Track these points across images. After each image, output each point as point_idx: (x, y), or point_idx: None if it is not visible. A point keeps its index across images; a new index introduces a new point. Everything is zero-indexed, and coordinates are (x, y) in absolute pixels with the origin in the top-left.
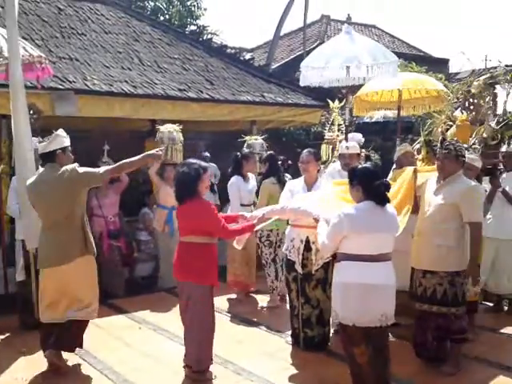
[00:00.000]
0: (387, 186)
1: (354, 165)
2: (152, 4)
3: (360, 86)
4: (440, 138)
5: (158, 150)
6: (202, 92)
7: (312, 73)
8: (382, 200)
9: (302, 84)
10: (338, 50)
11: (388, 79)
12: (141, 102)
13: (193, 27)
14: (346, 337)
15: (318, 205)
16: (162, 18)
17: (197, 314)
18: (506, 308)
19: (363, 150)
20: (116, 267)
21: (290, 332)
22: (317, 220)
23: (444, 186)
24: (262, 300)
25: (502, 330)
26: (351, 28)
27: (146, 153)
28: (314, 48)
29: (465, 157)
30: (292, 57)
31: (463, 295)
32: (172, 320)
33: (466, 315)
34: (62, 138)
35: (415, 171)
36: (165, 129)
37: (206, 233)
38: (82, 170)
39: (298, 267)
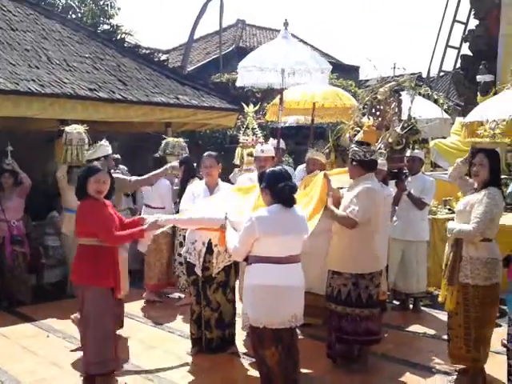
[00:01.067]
0: (292, 188)
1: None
2: (63, 1)
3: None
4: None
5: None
6: (114, 92)
7: (250, 74)
8: (287, 202)
9: (238, 84)
10: (279, 53)
11: (308, 89)
12: (49, 102)
13: (106, 26)
14: (256, 339)
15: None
16: (73, 17)
17: (89, 316)
18: (411, 306)
19: None
20: (21, 274)
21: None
22: (224, 227)
23: (349, 188)
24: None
25: (407, 328)
26: (288, 33)
27: (168, 165)
28: (229, 52)
29: (357, 161)
30: (208, 60)
31: (369, 297)
32: None
33: (378, 318)
34: (105, 147)
35: (325, 176)
36: (72, 129)
37: (92, 234)
38: (115, 175)
39: (198, 270)
